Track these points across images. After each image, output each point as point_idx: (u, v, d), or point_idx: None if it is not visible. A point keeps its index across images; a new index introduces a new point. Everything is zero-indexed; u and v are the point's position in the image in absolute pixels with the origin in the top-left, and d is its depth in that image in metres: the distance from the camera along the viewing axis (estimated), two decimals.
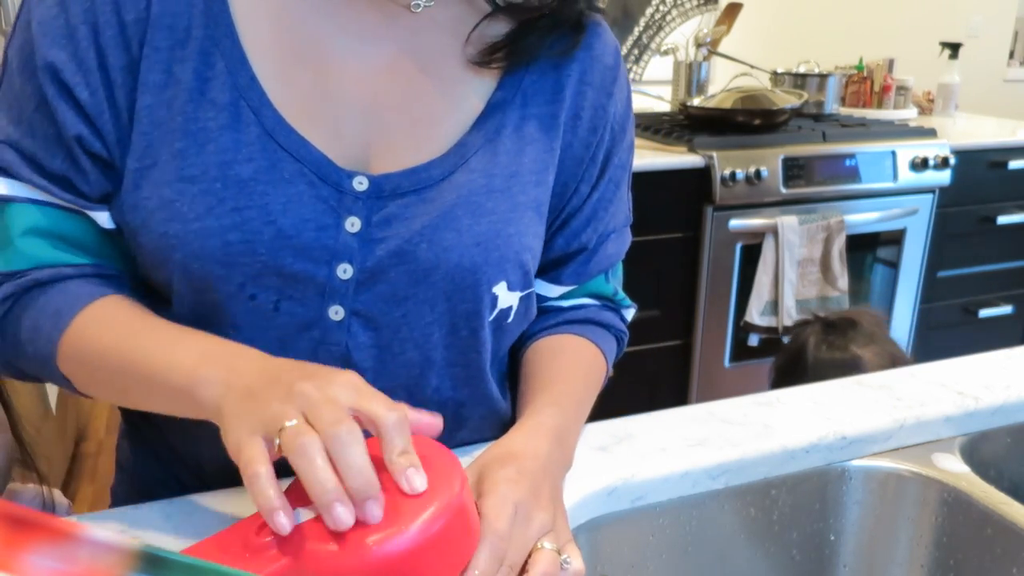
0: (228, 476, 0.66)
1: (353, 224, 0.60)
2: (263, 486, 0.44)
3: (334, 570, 0.45)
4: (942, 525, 0.71)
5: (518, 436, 0.60)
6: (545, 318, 0.74)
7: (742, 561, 0.71)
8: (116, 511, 0.61)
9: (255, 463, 0.45)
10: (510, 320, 0.68)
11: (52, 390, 2.22)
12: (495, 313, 0.66)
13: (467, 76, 0.65)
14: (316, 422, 0.46)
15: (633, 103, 0.75)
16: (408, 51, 0.63)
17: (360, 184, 0.61)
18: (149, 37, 0.58)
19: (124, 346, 0.57)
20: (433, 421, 0.51)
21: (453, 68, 0.65)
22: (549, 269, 0.72)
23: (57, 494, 0.93)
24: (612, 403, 0.77)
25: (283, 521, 0.44)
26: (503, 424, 0.72)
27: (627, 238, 0.76)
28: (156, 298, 0.63)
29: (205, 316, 0.61)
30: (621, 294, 0.78)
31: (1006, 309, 2.64)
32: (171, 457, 0.70)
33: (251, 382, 0.50)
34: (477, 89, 0.65)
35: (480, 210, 0.63)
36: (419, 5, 0.63)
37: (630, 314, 0.80)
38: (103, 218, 0.62)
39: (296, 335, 0.61)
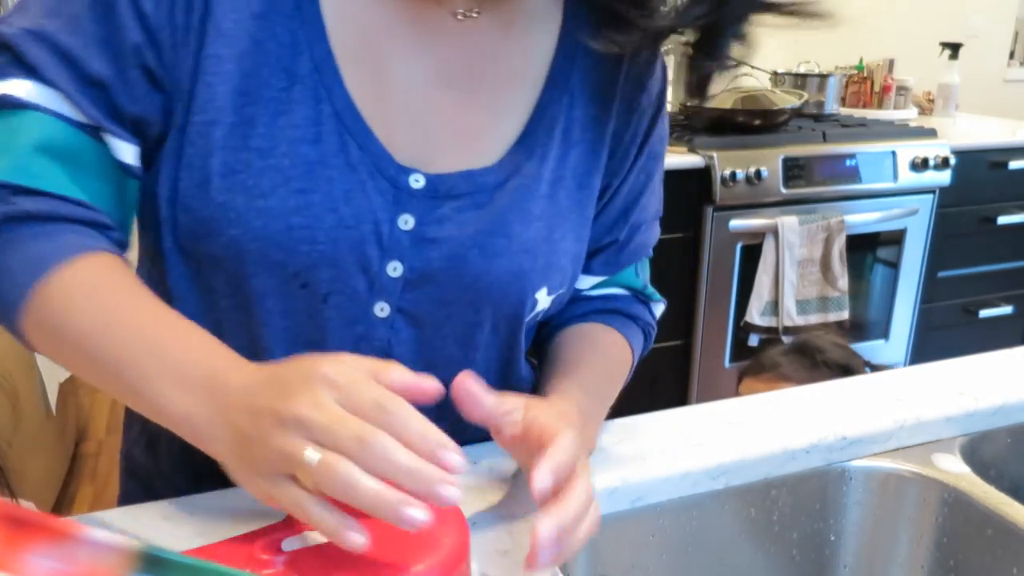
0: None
1: (407, 222, 0.60)
2: (325, 516, 0.43)
3: None
4: (942, 525, 0.71)
5: (555, 401, 0.59)
6: (575, 306, 0.74)
7: (742, 561, 0.71)
8: (116, 511, 0.60)
9: (303, 502, 0.43)
10: (539, 319, 0.69)
11: (52, 390, 2.22)
12: (531, 315, 0.66)
13: (515, 80, 0.64)
14: (336, 445, 0.42)
15: None
16: (455, 60, 0.62)
17: (416, 182, 0.60)
18: None
19: (102, 337, 0.51)
20: (429, 387, 0.47)
21: (501, 74, 0.64)
22: (581, 263, 0.72)
23: (29, 507, 0.92)
24: (612, 403, 0.77)
25: (358, 537, 0.43)
26: None
27: (656, 231, 0.76)
28: (177, 276, 0.60)
29: (244, 301, 0.59)
30: (650, 288, 0.77)
31: (1006, 309, 2.64)
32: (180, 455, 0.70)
33: (236, 419, 0.46)
34: (525, 91, 0.64)
35: (529, 216, 0.63)
36: (463, 13, 0.61)
37: (659, 309, 0.79)
38: (128, 151, 0.56)
39: (340, 329, 0.61)
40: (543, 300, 0.66)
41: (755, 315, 2.19)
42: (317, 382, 0.44)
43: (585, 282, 0.73)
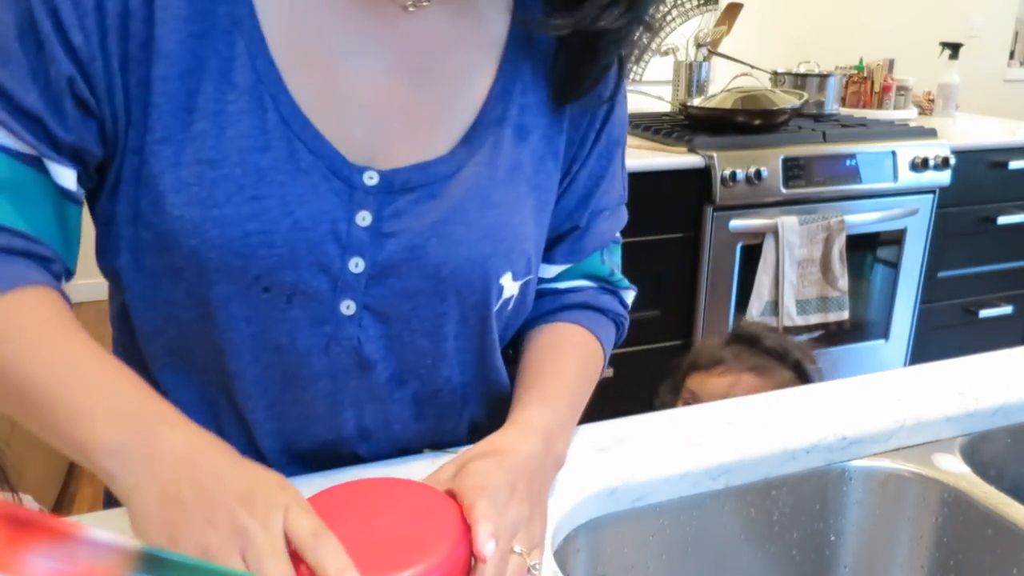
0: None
1: (364, 218, 0.61)
2: None
3: None
4: (942, 525, 0.71)
5: (504, 435, 0.60)
6: (541, 303, 0.75)
7: (742, 561, 0.71)
8: (116, 511, 0.60)
9: None
10: (510, 308, 0.69)
11: None
12: (500, 302, 0.67)
13: (467, 69, 0.65)
14: (259, 570, 0.44)
15: (633, 104, 0.75)
16: (408, 51, 0.63)
17: (370, 179, 0.61)
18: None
19: (29, 367, 0.52)
20: None
21: (453, 64, 0.65)
22: (543, 249, 0.72)
23: (29, 500, 0.92)
24: (612, 403, 0.77)
25: None
26: (505, 399, 0.73)
27: (621, 217, 0.76)
28: (135, 292, 0.62)
29: (207, 310, 0.60)
30: (618, 275, 0.78)
31: (1006, 309, 2.64)
32: None
33: (179, 488, 0.48)
34: (478, 80, 0.65)
35: (487, 202, 0.64)
36: (413, 4, 0.62)
37: (629, 296, 0.80)
38: (67, 177, 0.58)
39: (309, 330, 0.62)
40: (509, 286, 0.66)
41: (755, 315, 2.19)
42: (277, 504, 0.47)
43: (549, 271, 0.74)
